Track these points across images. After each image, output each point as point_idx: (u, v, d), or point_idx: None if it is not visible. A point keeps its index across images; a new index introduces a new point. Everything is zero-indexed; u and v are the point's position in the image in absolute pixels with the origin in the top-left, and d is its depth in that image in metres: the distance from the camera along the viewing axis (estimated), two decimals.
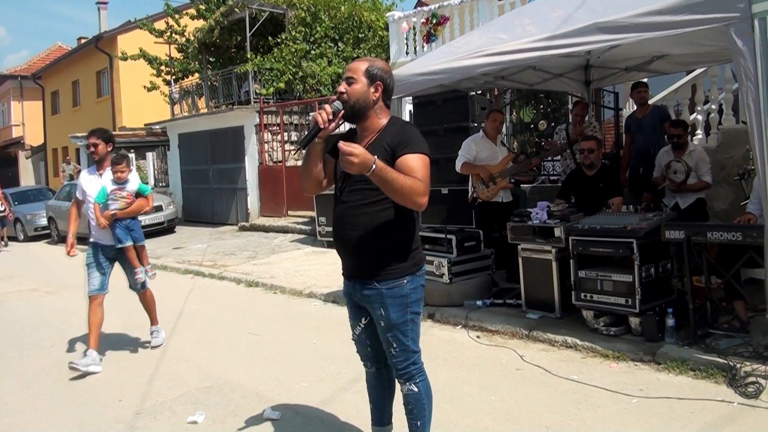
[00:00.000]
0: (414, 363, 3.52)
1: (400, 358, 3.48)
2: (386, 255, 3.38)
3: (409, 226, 3.45)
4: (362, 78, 3.36)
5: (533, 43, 5.75)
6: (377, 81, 3.38)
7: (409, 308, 3.44)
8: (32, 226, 20.55)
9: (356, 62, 3.45)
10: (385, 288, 3.38)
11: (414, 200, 3.16)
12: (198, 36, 20.40)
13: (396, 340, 3.45)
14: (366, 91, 3.35)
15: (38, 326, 8.62)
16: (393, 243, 3.39)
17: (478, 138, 7.92)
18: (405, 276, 3.41)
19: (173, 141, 21.79)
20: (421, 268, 3.53)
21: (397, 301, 3.40)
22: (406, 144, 3.24)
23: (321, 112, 3.26)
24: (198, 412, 5.03)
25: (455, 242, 7.54)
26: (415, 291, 3.46)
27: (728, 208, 8.28)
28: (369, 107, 3.38)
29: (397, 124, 3.42)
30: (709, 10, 4.63)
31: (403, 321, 3.43)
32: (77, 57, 31.95)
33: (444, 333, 6.84)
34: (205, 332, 7.63)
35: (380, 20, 19.60)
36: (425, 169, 3.23)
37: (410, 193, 3.12)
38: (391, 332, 3.44)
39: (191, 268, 12.19)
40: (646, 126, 8.41)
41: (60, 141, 33.04)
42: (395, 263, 3.39)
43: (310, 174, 3.51)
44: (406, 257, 3.42)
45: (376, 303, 3.42)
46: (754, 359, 4.97)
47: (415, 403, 3.56)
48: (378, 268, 3.39)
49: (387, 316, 3.41)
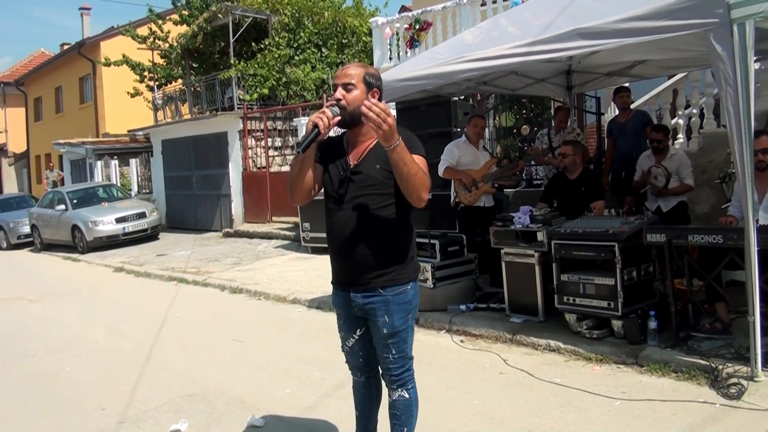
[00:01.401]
0: (408, 369, 3.52)
1: (398, 364, 3.46)
2: (393, 261, 3.35)
3: (411, 231, 3.47)
4: (361, 85, 3.30)
5: (514, 48, 5.77)
6: (374, 89, 3.34)
7: (410, 314, 3.44)
8: (15, 233, 20.36)
9: (351, 68, 3.36)
10: (392, 295, 3.35)
11: (418, 192, 3.18)
12: (181, 42, 20.34)
13: (396, 346, 3.42)
14: (364, 99, 3.21)
15: (21, 335, 8.55)
16: (398, 249, 3.38)
17: (460, 143, 7.94)
18: (409, 282, 3.41)
19: (156, 147, 21.69)
20: (418, 273, 3.56)
21: (402, 308, 3.38)
22: (408, 147, 3.18)
23: (322, 117, 3.17)
24: (181, 420, 5.01)
25: (438, 247, 7.54)
26: (416, 296, 3.47)
27: (710, 211, 8.34)
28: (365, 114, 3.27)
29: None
30: (689, 16, 4.66)
31: (405, 327, 3.42)
32: (60, 63, 31.76)
33: (428, 338, 6.84)
34: (188, 339, 7.60)
35: (364, 26, 19.63)
36: (424, 165, 3.25)
37: (421, 182, 3.15)
38: (393, 339, 3.40)
39: (175, 275, 12.13)
40: (629, 130, 8.48)
41: (43, 148, 32.84)
42: (401, 269, 3.37)
43: (301, 182, 3.38)
44: (409, 263, 3.42)
45: (380, 310, 3.36)
46: (736, 361, 5.00)
47: (405, 409, 3.54)
48: (384, 275, 3.34)
49: (391, 323, 3.36)
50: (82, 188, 19.75)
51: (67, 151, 25.86)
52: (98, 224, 16.97)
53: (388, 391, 3.57)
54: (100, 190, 19.64)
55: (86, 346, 7.65)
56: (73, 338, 8.06)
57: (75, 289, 11.96)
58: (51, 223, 18.49)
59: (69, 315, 9.64)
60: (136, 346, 7.39)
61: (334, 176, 3.40)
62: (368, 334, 3.53)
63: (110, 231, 17.01)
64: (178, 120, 20.75)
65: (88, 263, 15.52)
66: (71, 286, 12.40)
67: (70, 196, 18.52)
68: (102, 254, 16.24)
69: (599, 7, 5.42)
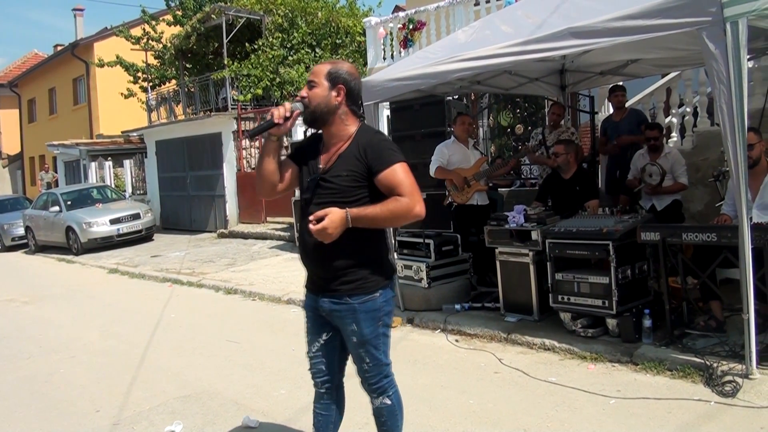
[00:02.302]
0: (386, 376, 3.40)
1: (373, 372, 3.35)
2: (359, 268, 3.23)
3: (381, 239, 3.35)
4: (323, 81, 3.23)
5: (507, 48, 5.77)
6: (339, 84, 3.23)
7: (381, 321, 3.30)
8: (9, 236, 20.36)
9: (319, 65, 3.32)
10: (358, 303, 3.22)
11: (409, 218, 3.12)
12: (175, 42, 20.33)
13: (369, 354, 3.30)
14: (327, 95, 3.21)
15: (15, 337, 8.53)
16: (365, 256, 3.24)
17: (449, 143, 7.94)
18: (378, 289, 3.26)
19: (150, 148, 21.67)
20: (392, 279, 3.40)
21: (370, 316, 3.25)
22: (381, 160, 3.13)
23: (279, 108, 3.19)
24: (176, 421, 4.99)
25: (433, 247, 7.54)
26: (387, 303, 3.32)
27: (704, 210, 8.35)
28: (331, 112, 3.24)
29: (367, 134, 3.28)
30: (682, 15, 4.66)
31: (376, 335, 3.29)
32: (54, 64, 31.70)
33: (423, 337, 6.85)
34: (183, 341, 7.59)
35: (357, 26, 19.61)
36: (407, 176, 3.15)
37: (400, 216, 3.11)
38: (364, 348, 3.29)
39: (169, 276, 12.12)
40: (623, 129, 8.48)
41: (37, 149, 32.76)
42: (368, 277, 3.24)
43: (263, 175, 3.36)
44: (378, 270, 3.28)
45: (347, 319, 3.25)
46: (730, 358, 5.01)
47: (389, 415, 3.44)
48: (350, 282, 3.22)
49: (360, 331, 3.25)
50: (76, 189, 19.72)
51: (61, 153, 25.80)
52: (92, 225, 16.94)
53: (370, 399, 3.46)
54: (95, 191, 19.60)
55: (81, 347, 7.63)
56: (67, 340, 8.04)
57: (69, 291, 11.94)
58: (45, 225, 18.45)
59: (63, 317, 9.62)
60: (131, 347, 7.37)
61: (305, 179, 3.35)
62: (334, 341, 3.43)
63: (104, 232, 16.99)
64: (172, 121, 20.75)
65: (83, 265, 15.49)
66: (66, 287, 12.38)
67: (65, 197, 18.49)
68: (96, 255, 16.21)
69: (592, 6, 5.42)
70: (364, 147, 3.18)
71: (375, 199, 3.15)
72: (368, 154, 3.16)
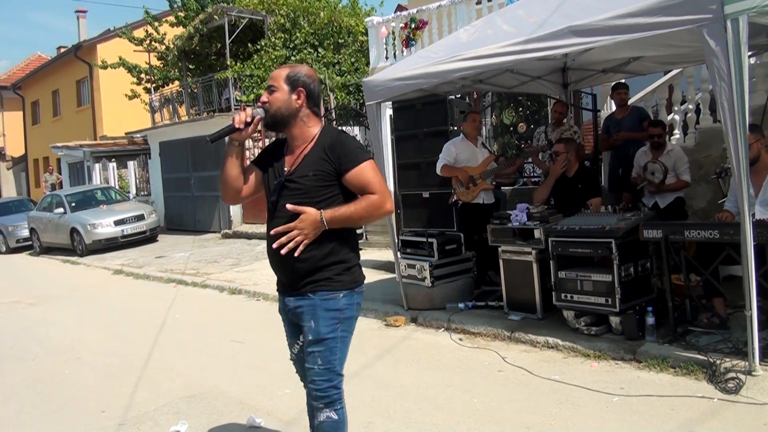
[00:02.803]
0: (336, 387, 3.29)
1: (323, 377, 3.24)
2: (324, 268, 3.20)
3: (349, 240, 3.30)
4: (283, 85, 3.24)
5: (509, 47, 5.78)
6: (299, 87, 3.25)
7: (341, 324, 3.25)
8: (14, 237, 20.37)
9: (278, 69, 3.33)
10: (320, 299, 3.21)
11: (381, 214, 3.16)
12: (177, 44, 20.36)
13: (322, 356, 3.23)
14: (287, 99, 3.23)
15: (20, 338, 8.55)
16: (331, 258, 3.21)
17: (458, 141, 7.93)
18: (342, 290, 3.23)
19: (154, 149, 21.72)
20: (360, 286, 3.35)
21: (330, 314, 3.21)
22: (348, 158, 3.14)
23: (240, 113, 3.21)
24: (181, 421, 5.01)
25: (436, 246, 7.56)
26: (350, 307, 3.28)
27: (707, 207, 8.35)
28: (292, 115, 3.26)
29: (331, 135, 3.28)
30: (682, 12, 4.67)
31: (333, 337, 3.23)
32: (57, 66, 31.77)
33: (426, 336, 6.86)
34: (187, 341, 7.61)
35: (359, 25, 19.61)
36: (375, 173, 3.16)
37: (371, 214, 3.14)
38: (318, 346, 3.23)
39: (174, 277, 12.15)
40: (626, 126, 8.48)
41: (41, 151, 32.86)
42: (333, 276, 3.21)
43: (226, 180, 3.38)
44: (344, 271, 3.25)
45: (307, 314, 3.24)
46: (733, 355, 5.02)
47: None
48: (315, 280, 3.21)
49: (316, 328, 3.21)
50: (81, 191, 19.78)
51: (65, 154, 25.87)
52: (97, 227, 16.98)
53: (314, 413, 3.32)
54: (99, 192, 19.65)
55: (86, 348, 7.66)
56: (72, 341, 8.06)
57: (74, 292, 11.97)
58: (49, 227, 18.49)
59: (68, 318, 9.65)
60: (136, 348, 7.39)
61: (270, 182, 3.35)
62: None
63: (109, 233, 17.03)
64: (176, 122, 20.78)
65: (87, 266, 15.53)
66: (70, 289, 12.42)
67: (69, 199, 18.53)
68: (101, 257, 16.26)
69: (592, 4, 5.42)
70: (329, 147, 3.19)
71: (347, 199, 3.17)
72: (334, 154, 3.17)
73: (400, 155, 8.76)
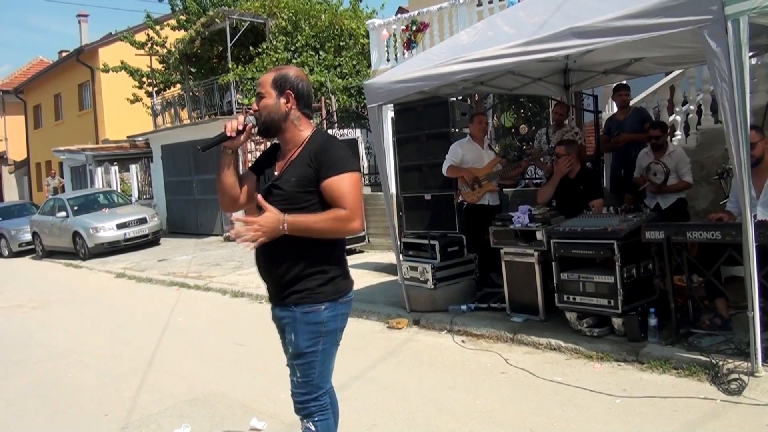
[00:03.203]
0: (316, 400, 3.21)
1: (301, 390, 3.20)
2: (305, 278, 3.11)
3: (332, 251, 3.18)
4: (271, 90, 3.17)
5: (510, 48, 5.78)
6: (287, 90, 3.16)
7: (322, 337, 3.15)
8: (16, 241, 20.37)
9: (265, 74, 3.25)
10: (301, 312, 3.11)
11: (346, 232, 3.06)
12: (179, 47, 20.38)
13: (301, 369, 3.18)
14: (276, 104, 3.16)
15: (23, 342, 8.56)
16: (312, 267, 3.11)
17: (464, 142, 7.95)
18: (324, 302, 3.12)
19: (156, 153, 21.73)
20: (345, 296, 3.22)
21: (310, 328, 3.12)
22: (328, 165, 3.03)
23: (232, 121, 3.17)
24: (184, 424, 5.02)
25: (438, 248, 7.56)
26: (333, 319, 3.16)
27: (709, 207, 8.33)
28: (283, 120, 3.18)
29: (319, 140, 3.17)
30: (683, 13, 4.67)
31: (313, 351, 3.14)
32: (59, 70, 31.78)
33: (429, 338, 6.86)
34: (190, 344, 7.62)
35: (361, 28, 19.59)
36: (352, 187, 3.03)
37: (335, 229, 3.02)
38: (297, 360, 3.17)
39: (176, 280, 12.16)
40: (627, 128, 8.49)
41: (43, 155, 32.88)
42: (314, 287, 3.11)
43: (222, 189, 3.34)
44: (326, 282, 3.13)
45: (289, 327, 3.17)
46: (736, 356, 5.02)
47: None
48: (296, 291, 3.12)
49: (296, 342, 3.14)
50: (83, 195, 19.79)
51: (67, 158, 25.89)
52: (99, 230, 16.99)
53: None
54: (101, 196, 19.67)
55: (89, 352, 7.66)
56: (75, 345, 8.07)
57: (77, 296, 11.99)
58: (52, 230, 18.51)
59: (71, 321, 9.66)
60: (138, 351, 7.40)
61: (260, 189, 3.26)
62: None
63: (111, 237, 17.04)
64: (178, 125, 20.79)
65: (90, 270, 15.55)
66: (73, 292, 12.43)
67: (71, 202, 18.54)
68: (103, 260, 16.27)
69: (593, 5, 5.43)
70: (315, 152, 3.09)
71: (325, 208, 3.07)
72: (317, 160, 3.07)
73: (401, 157, 8.77)
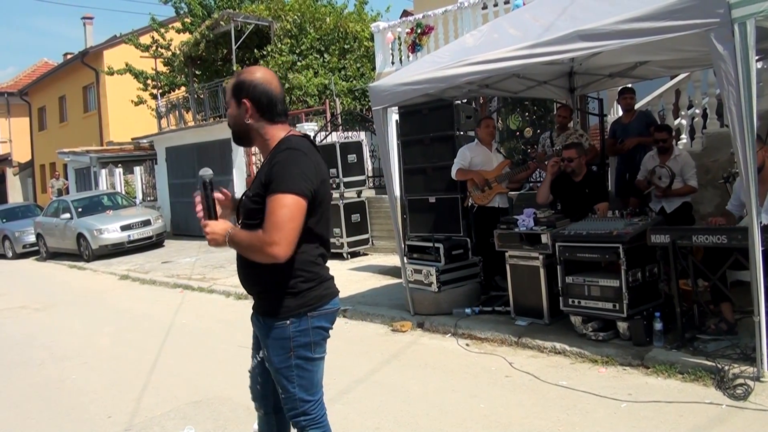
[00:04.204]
0: (305, 413, 3.09)
1: (288, 405, 3.09)
2: (269, 292, 2.98)
3: (294, 261, 2.90)
4: (231, 100, 2.98)
5: (516, 51, 5.77)
6: (242, 98, 2.92)
7: (293, 352, 2.99)
8: (21, 243, 20.40)
9: (229, 82, 3.09)
10: (268, 326, 3.01)
11: (263, 256, 2.81)
12: (184, 49, 20.40)
13: (281, 385, 3.07)
14: (237, 114, 2.95)
15: (27, 344, 8.57)
16: (273, 281, 2.94)
17: (472, 145, 7.96)
18: (288, 317, 2.96)
19: (161, 155, 21.75)
20: (316, 309, 3.01)
21: (278, 344, 2.99)
22: (272, 181, 2.80)
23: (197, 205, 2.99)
24: (187, 427, 5.02)
25: (443, 251, 7.55)
26: (302, 334, 2.99)
27: (714, 211, 8.30)
28: (248, 129, 2.97)
29: (279, 151, 2.90)
30: (690, 16, 4.66)
31: (286, 366, 3.01)
32: (63, 72, 31.86)
33: (433, 341, 6.84)
34: (194, 346, 7.61)
35: (365, 31, 19.63)
36: (282, 209, 2.76)
37: (253, 250, 2.84)
38: (275, 376, 3.07)
39: (180, 282, 12.16)
40: (632, 131, 8.46)
41: (47, 157, 32.93)
42: (278, 302, 2.96)
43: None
44: (289, 296, 2.95)
45: (262, 339, 3.11)
46: (741, 361, 4.99)
47: None
48: (264, 304, 3.04)
49: (269, 357, 3.05)
50: (87, 197, 19.79)
51: (72, 160, 25.92)
52: (103, 232, 17.00)
53: None
54: (105, 198, 19.69)
55: (92, 354, 7.66)
56: (79, 346, 8.07)
57: (81, 298, 11.99)
58: (56, 232, 18.53)
59: (75, 323, 9.66)
60: (142, 353, 7.40)
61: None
62: None
63: (115, 239, 17.05)
64: (182, 127, 20.80)
65: (94, 271, 15.55)
66: (77, 294, 12.44)
67: (75, 204, 18.55)
68: (107, 262, 16.28)
69: (599, 7, 5.42)
70: (271, 165, 2.87)
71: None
72: (269, 175, 2.85)
73: (406, 160, 8.76)
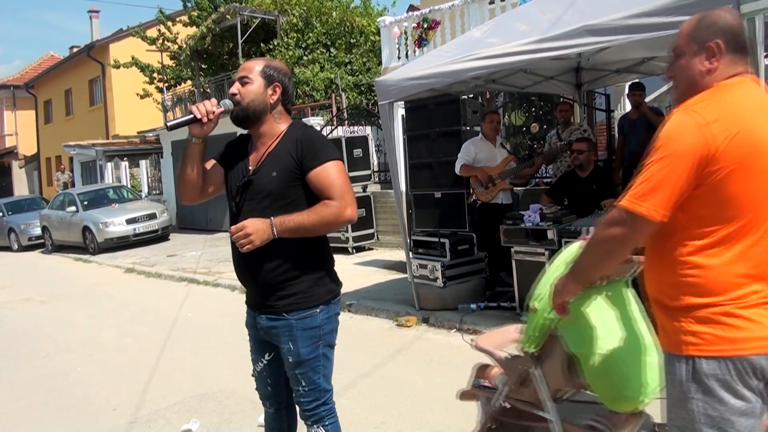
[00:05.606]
0: (325, 404, 3.09)
1: (309, 398, 3.05)
2: (296, 282, 2.94)
3: (319, 248, 3.03)
4: (258, 78, 2.99)
5: (523, 46, 5.75)
6: (275, 82, 3.01)
7: (321, 341, 3.01)
8: (26, 235, 20.45)
9: (251, 61, 3.10)
10: (295, 319, 2.94)
11: (339, 224, 2.88)
12: (190, 43, 20.42)
13: (305, 377, 3.01)
14: (263, 93, 2.99)
15: (32, 336, 8.58)
16: (303, 267, 2.94)
17: (476, 140, 7.92)
18: (318, 305, 2.97)
19: (166, 148, 21.76)
20: (337, 296, 3.09)
21: (308, 334, 2.96)
22: (312, 155, 2.87)
23: (203, 104, 3.00)
24: (192, 420, 5.01)
25: (448, 246, 7.53)
26: (329, 321, 3.03)
27: None
28: (266, 111, 3.01)
29: (297, 131, 3.00)
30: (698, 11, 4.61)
31: (315, 356, 3.00)
32: (69, 66, 31.91)
33: (438, 337, 6.84)
34: (199, 339, 7.61)
35: (371, 25, 19.60)
36: (340, 174, 2.89)
37: (327, 222, 2.85)
38: (300, 369, 3.00)
39: (185, 276, 12.17)
40: (640, 127, 8.43)
41: (53, 150, 33.00)
42: (306, 290, 2.95)
43: (185, 180, 3.17)
44: (319, 283, 2.98)
45: (284, 336, 2.98)
46: None
47: None
48: (287, 297, 2.95)
49: (296, 350, 2.96)
50: (93, 190, 19.85)
51: (78, 153, 25.98)
52: (109, 225, 17.05)
53: (306, 427, 3.16)
54: (111, 191, 19.72)
55: (97, 346, 7.67)
56: (84, 339, 8.09)
57: (86, 290, 12.01)
58: (62, 225, 18.57)
59: (80, 316, 9.68)
60: (147, 346, 7.41)
61: (233, 183, 3.12)
62: (278, 360, 3.12)
63: (121, 232, 17.09)
64: None
65: (99, 264, 15.58)
66: (82, 287, 12.46)
67: (81, 197, 18.61)
68: (113, 255, 16.31)
69: (607, 2, 5.39)
70: (296, 143, 2.93)
71: (311, 202, 2.90)
72: (300, 150, 2.91)
73: (412, 155, 8.74)
